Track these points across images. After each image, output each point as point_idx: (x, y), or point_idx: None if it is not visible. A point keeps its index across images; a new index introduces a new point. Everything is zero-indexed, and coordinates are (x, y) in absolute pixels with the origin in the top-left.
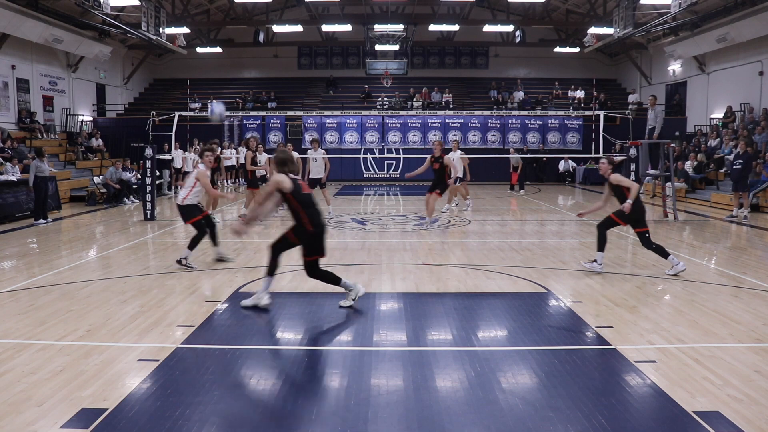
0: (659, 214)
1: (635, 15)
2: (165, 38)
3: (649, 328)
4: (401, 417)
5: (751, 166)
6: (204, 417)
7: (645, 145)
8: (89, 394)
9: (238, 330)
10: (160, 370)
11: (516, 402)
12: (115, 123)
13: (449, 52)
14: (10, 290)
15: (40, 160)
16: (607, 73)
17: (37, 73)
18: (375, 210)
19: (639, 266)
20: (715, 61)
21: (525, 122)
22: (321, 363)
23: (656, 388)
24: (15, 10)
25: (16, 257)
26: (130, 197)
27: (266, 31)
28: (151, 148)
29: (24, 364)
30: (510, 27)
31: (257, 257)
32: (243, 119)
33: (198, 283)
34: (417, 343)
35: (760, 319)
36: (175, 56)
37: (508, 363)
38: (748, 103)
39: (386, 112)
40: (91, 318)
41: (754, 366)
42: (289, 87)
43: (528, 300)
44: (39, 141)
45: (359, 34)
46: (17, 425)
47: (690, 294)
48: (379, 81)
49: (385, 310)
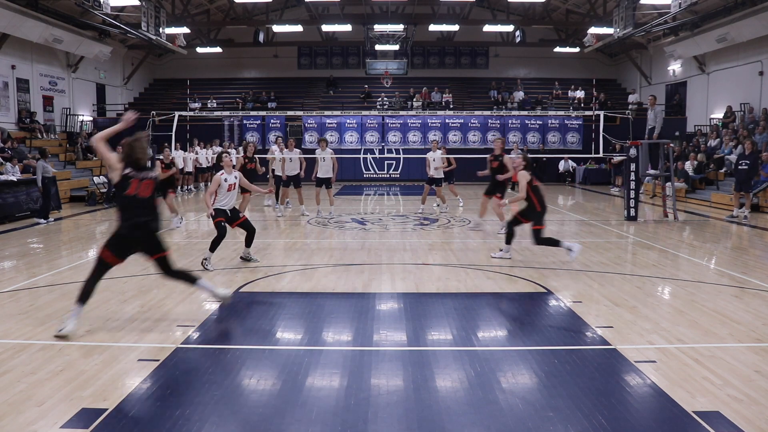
0: (659, 214)
1: (635, 15)
2: (165, 38)
3: (649, 328)
4: (401, 417)
5: (757, 166)
6: (204, 417)
7: (645, 145)
8: (89, 394)
9: (238, 330)
10: (160, 370)
11: (516, 402)
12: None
13: (449, 52)
14: (10, 290)
15: (44, 160)
16: (607, 73)
17: (37, 73)
18: (375, 210)
19: (639, 266)
20: (715, 61)
21: (525, 122)
22: (321, 363)
23: (656, 388)
24: (15, 10)
25: (16, 257)
26: None
27: (266, 31)
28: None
29: (24, 364)
30: (510, 27)
31: (257, 257)
32: (243, 119)
33: None
34: (417, 343)
35: (760, 319)
36: (175, 56)
37: (508, 363)
38: (748, 103)
39: (386, 112)
40: (91, 318)
41: (754, 366)
42: (289, 87)
43: (528, 300)
44: (39, 141)
45: (359, 34)
46: (17, 425)
47: (690, 294)
48: (379, 81)
49: (385, 310)
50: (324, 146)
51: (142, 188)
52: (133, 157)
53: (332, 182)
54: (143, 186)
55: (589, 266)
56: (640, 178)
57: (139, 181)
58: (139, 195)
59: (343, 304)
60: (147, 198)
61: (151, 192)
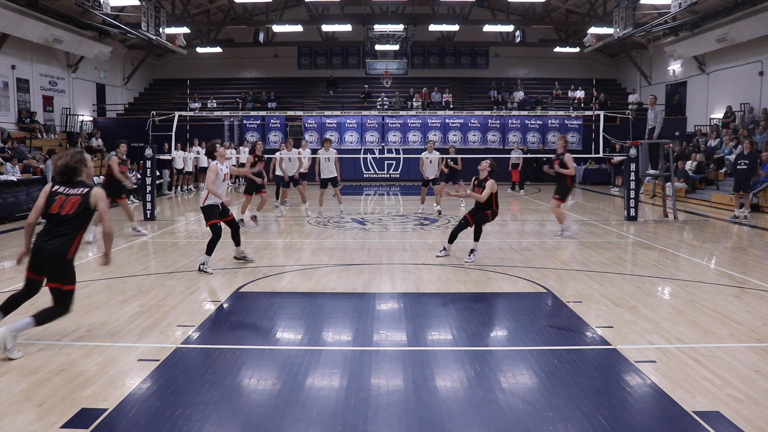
0: (659, 214)
1: (635, 15)
2: (165, 38)
3: (649, 328)
4: (401, 417)
5: (756, 166)
6: (204, 417)
7: (645, 145)
8: (89, 394)
9: (238, 330)
10: (160, 370)
11: (516, 402)
12: (115, 123)
13: (449, 52)
14: (10, 290)
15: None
16: (607, 73)
17: (37, 73)
18: (375, 210)
19: (639, 266)
20: (715, 61)
21: (525, 122)
22: (321, 363)
23: (656, 388)
24: (15, 10)
25: (16, 257)
26: (131, 197)
27: (266, 31)
28: (151, 148)
29: (24, 364)
30: (510, 27)
31: (257, 257)
32: (243, 119)
33: (198, 283)
34: (417, 343)
35: (760, 319)
36: (175, 56)
37: (508, 363)
38: (748, 103)
39: (386, 112)
40: (91, 318)
41: (754, 366)
42: (289, 87)
43: (528, 300)
44: (39, 141)
45: (359, 34)
46: (17, 425)
47: (690, 294)
48: (379, 81)
49: (385, 310)
50: (328, 146)
51: (66, 205)
52: (66, 172)
53: (338, 180)
54: (68, 203)
55: (589, 266)
56: (640, 178)
57: (65, 197)
58: (61, 213)
59: (343, 304)
60: (69, 216)
61: (75, 210)
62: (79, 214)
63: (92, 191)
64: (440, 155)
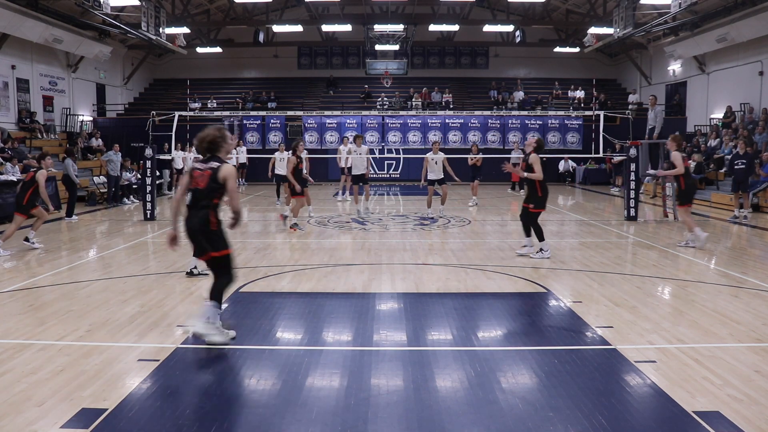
0: (659, 214)
1: (635, 15)
2: (165, 38)
3: (649, 328)
4: (401, 417)
5: (753, 166)
6: (204, 417)
7: (645, 145)
8: (89, 394)
9: (238, 330)
10: (160, 370)
11: (516, 402)
12: (115, 123)
13: (449, 52)
14: (10, 290)
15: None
16: (607, 73)
17: (37, 73)
18: (375, 210)
19: (639, 266)
20: (715, 61)
21: (525, 122)
22: (321, 363)
23: (656, 388)
24: (15, 10)
25: (16, 257)
26: (131, 197)
27: (266, 31)
28: (151, 148)
29: (24, 364)
30: (510, 27)
31: (257, 257)
32: (243, 119)
33: (198, 283)
34: (417, 343)
35: (760, 319)
36: (175, 56)
37: (508, 363)
38: (748, 103)
39: (386, 112)
40: (91, 318)
41: (754, 366)
42: (289, 87)
43: (528, 300)
44: (39, 141)
45: (359, 34)
46: (17, 425)
47: (690, 294)
48: (379, 81)
49: (385, 310)
50: (360, 143)
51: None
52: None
53: (366, 177)
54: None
55: (589, 266)
56: (640, 178)
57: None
58: (198, 187)
59: (343, 304)
60: (203, 190)
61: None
62: (210, 188)
63: (222, 166)
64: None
